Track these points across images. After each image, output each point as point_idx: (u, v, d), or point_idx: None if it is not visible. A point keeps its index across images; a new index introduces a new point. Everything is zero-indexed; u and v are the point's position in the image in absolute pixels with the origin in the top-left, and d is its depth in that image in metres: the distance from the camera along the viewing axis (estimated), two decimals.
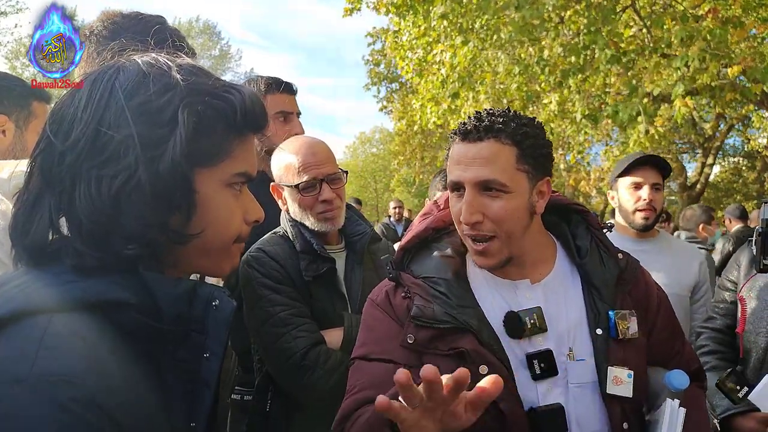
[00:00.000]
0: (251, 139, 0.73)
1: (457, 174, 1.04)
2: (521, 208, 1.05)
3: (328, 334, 1.41)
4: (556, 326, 1.06)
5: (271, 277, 1.41)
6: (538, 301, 1.07)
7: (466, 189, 1.02)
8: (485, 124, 1.02)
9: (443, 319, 1.03)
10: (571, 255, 1.16)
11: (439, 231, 1.17)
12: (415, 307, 1.05)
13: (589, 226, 1.17)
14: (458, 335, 1.02)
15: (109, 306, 0.60)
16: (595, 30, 5.17)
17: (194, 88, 0.66)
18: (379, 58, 12.60)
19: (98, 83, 0.65)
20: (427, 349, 1.04)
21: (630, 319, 1.08)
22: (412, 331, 1.05)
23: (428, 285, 1.08)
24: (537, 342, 1.05)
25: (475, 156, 1.02)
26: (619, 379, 1.03)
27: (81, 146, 0.62)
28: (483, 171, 1.01)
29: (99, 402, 0.52)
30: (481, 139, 1.02)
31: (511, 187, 1.02)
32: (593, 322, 1.07)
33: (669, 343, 1.19)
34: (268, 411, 1.44)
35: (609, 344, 1.06)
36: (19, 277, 0.62)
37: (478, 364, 0.99)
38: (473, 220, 1.02)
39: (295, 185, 1.46)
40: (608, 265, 1.12)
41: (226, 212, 0.69)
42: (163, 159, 0.62)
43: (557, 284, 1.11)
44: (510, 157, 1.02)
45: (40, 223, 0.63)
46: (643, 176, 2.10)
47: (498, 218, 1.02)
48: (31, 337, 0.54)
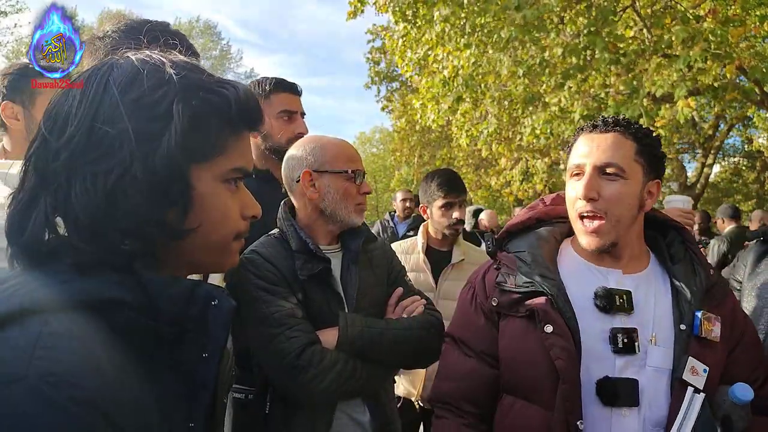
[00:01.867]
0: (246, 135, 0.73)
1: (580, 158, 1.17)
2: (633, 195, 1.15)
3: (324, 334, 1.40)
4: (642, 312, 1.14)
5: (265, 278, 1.41)
6: (628, 287, 1.15)
7: (587, 170, 1.14)
8: (613, 120, 1.17)
9: (523, 284, 1.16)
10: (664, 263, 1.23)
11: (542, 222, 1.30)
12: (499, 275, 1.22)
13: (685, 241, 1.26)
14: (534, 299, 1.14)
15: (106, 305, 0.59)
16: (595, 31, 5.16)
17: (188, 83, 0.66)
18: (379, 56, 12.60)
19: (92, 80, 0.65)
20: (508, 311, 1.20)
21: (714, 323, 1.13)
22: (496, 295, 1.22)
23: (517, 258, 1.22)
24: (621, 320, 1.12)
25: (600, 143, 1.15)
26: (695, 370, 1.08)
27: (76, 142, 0.62)
28: (605, 154, 1.13)
29: (97, 402, 0.52)
30: (607, 131, 1.16)
31: (627, 173, 1.13)
32: (678, 319, 1.13)
33: (748, 369, 1.21)
34: (268, 412, 1.44)
35: (690, 339, 1.11)
36: (15, 276, 0.62)
37: (545, 322, 1.10)
38: (590, 196, 1.12)
39: (346, 171, 1.50)
40: (700, 276, 1.19)
41: (222, 207, 0.69)
42: (158, 153, 0.62)
43: (648, 281, 1.19)
44: (630, 148, 1.14)
45: (36, 221, 0.63)
46: None
47: (612, 198, 1.13)
48: (28, 337, 0.54)
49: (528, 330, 1.14)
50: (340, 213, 1.50)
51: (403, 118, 12.39)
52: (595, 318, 1.12)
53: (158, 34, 1.13)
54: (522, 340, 1.15)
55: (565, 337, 1.08)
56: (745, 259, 1.81)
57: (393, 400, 1.62)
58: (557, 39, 5.87)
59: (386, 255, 1.65)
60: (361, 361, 1.41)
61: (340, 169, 1.50)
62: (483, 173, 13.92)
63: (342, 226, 1.54)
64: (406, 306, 1.54)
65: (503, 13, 5.50)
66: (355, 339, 1.40)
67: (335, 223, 1.52)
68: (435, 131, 12.14)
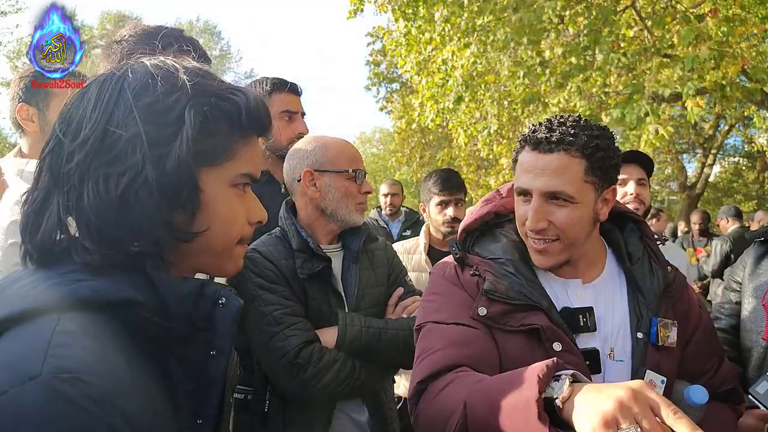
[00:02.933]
0: (256, 140, 0.74)
1: (526, 182, 1.08)
2: (585, 217, 1.09)
3: (323, 333, 1.41)
4: (603, 327, 1.10)
5: (265, 276, 1.42)
6: (589, 300, 1.12)
7: (534, 197, 1.07)
8: (557, 136, 1.04)
9: (515, 295, 1.08)
10: (620, 260, 1.20)
11: (501, 216, 1.23)
12: (487, 282, 1.09)
13: (643, 236, 1.22)
14: (529, 313, 1.07)
15: (117, 305, 0.61)
16: (595, 30, 5.16)
17: (201, 90, 0.67)
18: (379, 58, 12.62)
19: (107, 84, 0.67)
20: (497, 324, 1.07)
21: (671, 329, 1.12)
22: (484, 304, 1.08)
23: (498, 265, 1.13)
24: (584, 340, 1.09)
25: (545, 167, 1.06)
26: (653, 383, 1.06)
27: (90, 145, 0.63)
28: (551, 182, 1.05)
29: (109, 399, 0.53)
30: (551, 151, 1.05)
31: (577, 198, 1.06)
32: (635, 326, 1.11)
33: (702, 361, 1.20)
34: (267, 410, 1.44)
35: (647, 349, 1.09)
36: (27, 276, 0.63)
37: (553, 341, 1.03)
38: (539, 227, 1.07)
39: (347, 170, 1.50)
40: (657, 275, 1.16)
41: (229, 211, 0.71)
42: (170, 157, 0.64)
43: (606, 286, 1.16)
44: (579, 170, 1.06)
45: (48, 221, 0.64)
46: (628, 172, 2.13)
47: (563, 226, 1.07)
48: (42, 336, 0.55)
49: (533, 348, 1.05)
50: (340, 212, 1.50)
51: (403, 118, 12.38)
52: None
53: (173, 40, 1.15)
54: (530, 357, 1.02)
55: (575, 354, 1.04)
56: (744, 260, 1.81)
57: (392, 400, 1.62)
58: (557, 40, 5.87)
59: (387, 255, 1.66)
60: (360, 361, 1.41)
61: (341, 169, 1.50)
62: (483, 173, 13.92)
63: (343, 226, 1.54)
64: (406, 306, 1.54)
65: (502, 14, 5.50)
66: (354, 338, 1.40)
67: (336, 223, 1.53)
68: (435, 132, 12.15)
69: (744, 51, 5.44)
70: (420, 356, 1.07)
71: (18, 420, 0.49)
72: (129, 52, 1.16)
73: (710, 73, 4.62)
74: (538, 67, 5.82)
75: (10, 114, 1.57)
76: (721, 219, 5.96)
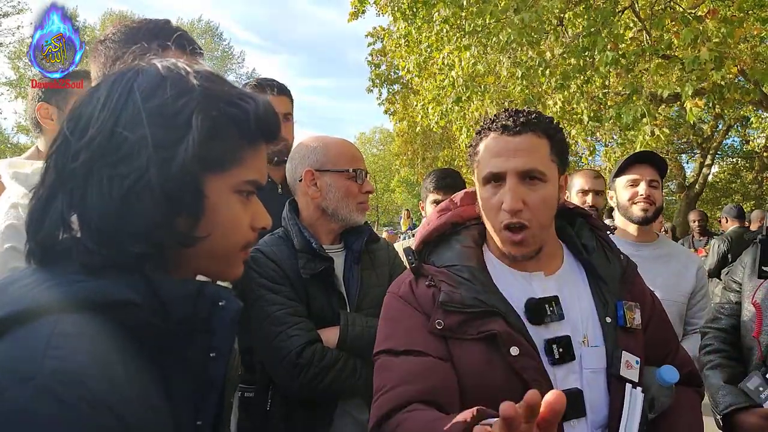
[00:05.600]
0: (263, 147, 0.74)
1: (498, 164, 1.09)
2: (553, 197, 1.11)
3: (325, 333, 1.41)
4: (571, 315, 1.11)
5: (268, 276, 1.42)
6: (553, 291, 1.12)
7: (509, 178, 1.08)
8: (522, 119, 1.09)
9: (471, 303, 1.06)
10: (576, 253, 1.21)
11: (457, 226, 1.22)
12: (442, 293, 1.08)
13: (593, 228, 1.24)
14: (486, 319, 1.06)
15: (116, 306, 0.60)
16: (595, 31, 5.17)
17: (210, 94, 0.67)
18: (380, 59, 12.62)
19: (117, 84, 0.66)
20: (456, 335, 1.06)
21: (635, 311, 1.14)
22: (440, 316, 1.07)
23: (452, 273, 1.11)
24: (554, 329, 1.09)
25: (517, 147, 1.08)
26: (629, 364, 1.08)
27: (96, 144, 0.63)
28: (525, 160, 1.07)
29: (108, 401, 0.53)
30: (519, 133, 1.09)
31: (548, 176, 1.09)
32: (602, 311, 1.13)
33: (662, 344, 1.24)
34: (269, 409, 1.44)
35: (617, 332, 1.11)
36: (27, 276, 0.63)
37: (509, 345, 1.03)
38: (518, 207, 1.07)
39: (348, 170, 1.51)
40: (613, 263, 1.19)
41: (233, 217, 0.70)
42: (175, 161, 0.63)
43: (568, 277, 1.17)
44: (545, 149, 1.10)
45: (52, 219, 0.64)
46: (640, 173, 2.12)
47: (537, 206, 1.08)
48: (39, 337, 0.54)
49: (490, 354, 1.04)
50: (341, 212, 1.51)
51: (404, 120, 12.39)
52: (532, 330, 1.07)
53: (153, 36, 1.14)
54: (487, 366, 1.04)
55: (532, 356, 1.03)
56: (743, 261, 1.81)
57: None
58: (557, 41, 5.88)
59: (389, 255, 1.66)
60: (362, 361, 1.41)
61: (341, 168, 1.51)
62: None
63: (344, 225, 1.54)
64: None
65: (502, 15, 5.51)
66: (355, 338, 1.40)
67: (337, 222, 1.53)
68: (436, 132, 12.15)
69: (742, 52, 5.46)
70: (375, 394, 1.06)
71: (14, 421, 0.49)
72: (113, 51, 1.15)
73: (710, 74, 4.61)
74: (537, 68, 5.83)
75: (29, 114, 1.58)
76: (722, 218, 5.98)
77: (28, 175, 1.24)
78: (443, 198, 2.39)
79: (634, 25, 6.24)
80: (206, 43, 27.26)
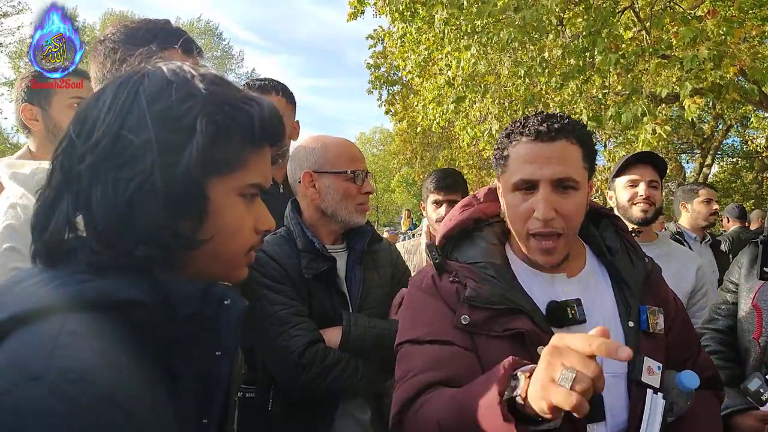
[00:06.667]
0: (267, 150, 0.74)
1: (531, 172, 1.06)
2: (584, 204, 1.11)
3: (327, 333, 1.41)
4: (593, 317, 1.10)
5: (270, 276, 1.42)
6: (575, 293, 1.11)
7: (542, 186, 1.06)
8: (557, 125, 1.07)
9: (498, 300, 1.05)
10: (600, 254, 1.21)
11: (479, 222, 1.21)
12: (468, 289, 1.07)
13: (618, 230, 1.23)
14: (512, 317, 1.05)
15: (123, 305, 0.61)
16: (594, 31, 5.17)
17: (215, 98, 0.67)
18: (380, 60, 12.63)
19: (123, 87, 0.67)
20: (481, 331, 1.05)
21: (658, 316, 1.13)
22: (466, 311, 1.06)
23: (478, 269, 1.10)
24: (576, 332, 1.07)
25: (551, 155, 1.06)
26: (651, 370, 1.06)
27: (101, 147, 0.63)
28: (559, 168, 1.05)
29: (116, 399, 0.53)
30: (554, 140, 1.06)
31: (581, 184, 1.08)
32: (625, 315, 1.12)
33: (683, 348, 1.22)
34: (270, 409, 1.44)
35: (639, 337, 1.10)
36: (34, 275, 0.63)
37: (537, 344, 1.01)
38: (551, 216, 1.05)
39: (345, 172, 1.50)
40: (638, 266, 1.18)
41: (236, 220, 0.71)
42: (179, 165, 0.64)
43: (591, 279, 1.16)
44: (578, 155, 1.08)
45: (58, 220, 0.65)
46: (639, 174, 2.12)
47: (570, 215, 1.07)
48: (47, 336, 0.55)
49: (515, 352, 1.00)
50: (340, 213, 1.51)
51: (404, 120, 12.38)
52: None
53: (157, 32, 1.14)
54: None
55: None
56: (740, 261, 1.81)
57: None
58: (557, 41, 5.88)
59: (391, 255, 1.66)
60: (364, 361, 1.42)
61: (339, 170, 1.51)
62: (485, 174, 13.94)
63: (344, 226, 1.55)
64: None
65: (501, 15, 5.51)
66: (358, 339, 1.40)
67: (337, 223, 1.53)
68: (436, 133, 12.16)
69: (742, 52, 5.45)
70: (398, 382, 1.05)
71: (23, 420, 0.49)
72: (112, 51, 1.15)
73: (710, 73, 4.61)
74: (537, 67, 5.83)
75: (16, 115, 1.59)
76: (724, 218, 5.98)
77: (26, 176, 1.24)
78: (444, 198, 2.38)
79: (634, 25, 6.23)
80: (206, 43, 27.26)
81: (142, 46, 1.08)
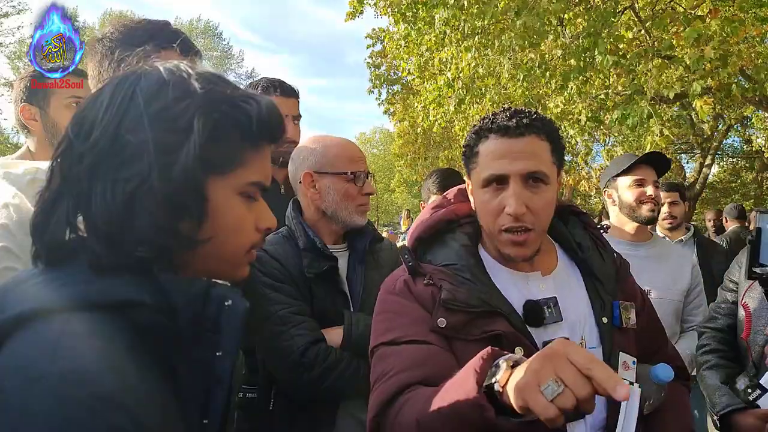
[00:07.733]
0: (267, 149, 0.74)
1: (501, 167, 1.06)
2: (554, 199, 1.10)
3: (329, 333, 1.41)
4: (569, 316, 1.10)
5: (272, 275, 1.42)
6: (551, 291, 1.11)
7: (512, 182, 1.05)
8: (525, 120, 1.07)
9: (476, 303, 1.04)
10: (570, 251, 1.21)
11: (451, 223, 1.20)
12: (444, 291, 1.05)
13: (587, 227, 1.24)
14: (490, 319, 1.04)
15: (124, 306, 0.61)
16: (595, 32, 5.17)
17: (212, 97, 0.67)
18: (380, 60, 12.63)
19: (120, 87, 0.67)
20: (459, 334, 1.03)
21: (630, 311, 1.14)
22: (443, 315, 1.03)
23: (453, 272, 1.09)
24: (552, 331, 1.07)
25: (521, 150, 1.06)
26: (626, 365, 1.07)
27: (100, 148, 0.63)
28: (530, 163, 1.05)
29: (118, 400, 0.53)
30: (523, 135, 1.06)
31: (550, 178, 1.08)
32: (599, 312, 1.12)
33: (653, 340, 1.25)
34: (272, 410, 1.44)
35: (613, 333, 1.11)
36: (35, 276, 0.63)
37: (514, 346, 1.01)
38: (522, 211, 1.05)
39: (346, 173, 1.50)
40: (607, 261, 1.19)
41: (237, 220, 0.70)
42: (177, 165, 0.63)
43: (564, 276, 1.16)
44: (547, 150, 1.08)
45: (58, 220, 0.65)
46: (645, 174, 2.13)
47: (540, 210, 1.07)
48: (49, 336, 0.55)
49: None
50: (341, 214, 1.51)
51: (404, 120, 12.39)
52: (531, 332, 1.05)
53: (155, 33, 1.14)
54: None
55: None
56: (739, 260, 1.81)
57: None
58: (556, 42, 5.88)
59: (393, 255, 1.66)
60: (365, 361, 1.41)
61: (340, 171, 1.51)
62: None
63: (345, 227, 1.55)
64: None
65: (502, 16, 5.50)
66: (359, 338, 1.40)
67: (338, 224, 1.54)
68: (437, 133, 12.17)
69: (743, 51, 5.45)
70: (374, 384, 1.02)
71: (26, 420, 0.49)
72: (110, 51, 1.15)
73: (717, 72, 4.61)
74: (537, 69, 5.83)
75: (15, 116, 1.59)
76: (724, 218, 5.98)
77: (18, 175, 1.23)
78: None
79: (635, 26, 6.23)
80: (205, 43, 27.26)
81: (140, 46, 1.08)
